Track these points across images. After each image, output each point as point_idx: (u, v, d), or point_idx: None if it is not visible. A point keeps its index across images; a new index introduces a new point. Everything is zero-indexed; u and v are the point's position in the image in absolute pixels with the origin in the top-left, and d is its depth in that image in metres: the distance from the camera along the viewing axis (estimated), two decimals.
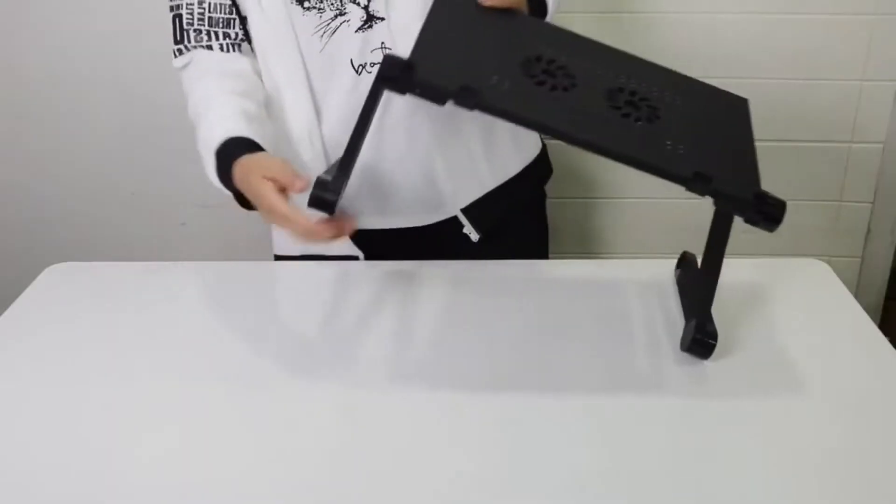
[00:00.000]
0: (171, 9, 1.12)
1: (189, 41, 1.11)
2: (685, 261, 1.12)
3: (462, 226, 1.22)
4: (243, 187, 1.00)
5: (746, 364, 0.97)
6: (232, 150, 1.02)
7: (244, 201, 1.04)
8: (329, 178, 0.93)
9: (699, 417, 0.90)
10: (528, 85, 0.93)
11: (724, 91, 1.06)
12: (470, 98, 0.88)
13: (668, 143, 0.90)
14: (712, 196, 0.89)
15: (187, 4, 1.10)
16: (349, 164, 0.95)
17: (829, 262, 1.18)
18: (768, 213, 0.88)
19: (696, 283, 1.06)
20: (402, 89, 0.89)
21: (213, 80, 1.10)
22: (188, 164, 1.92)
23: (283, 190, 0.94)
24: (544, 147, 1.34)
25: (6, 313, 1.13)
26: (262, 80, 1.15)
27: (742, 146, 0.97)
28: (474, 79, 0.89)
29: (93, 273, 1.24)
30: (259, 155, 1.01)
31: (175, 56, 1.13)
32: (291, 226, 0.94)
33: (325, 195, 0.91)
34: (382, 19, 1.08)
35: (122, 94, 1.86)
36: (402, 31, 1.08)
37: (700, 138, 0.95)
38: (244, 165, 1.00)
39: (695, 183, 0.87)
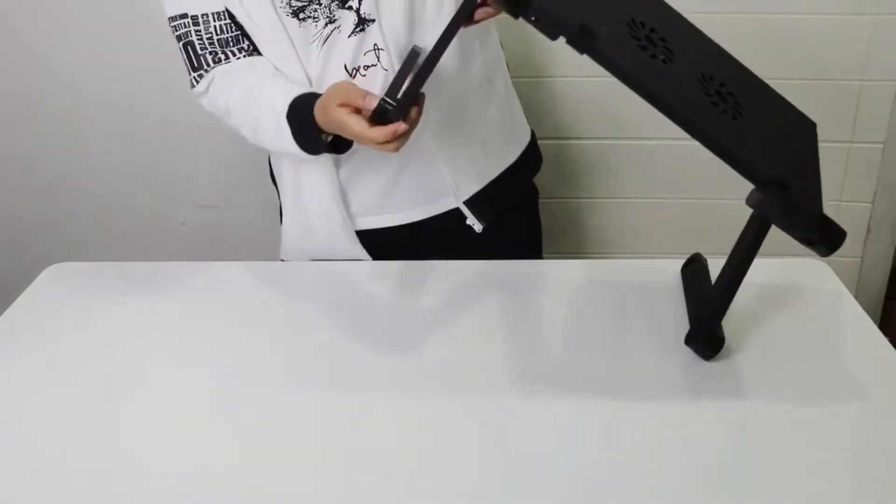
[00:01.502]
0: (179, 38, 1.11)
1: (208, 64, 1.11)
2: (695, 262, 1.12)
3: (465, 218, 1.23)
4: (328, 126, 1.04)
5: (746, 364, 0.97)
6: (304, 104, 1.05)
7: (336, 147, 1.10)
8: (393, 103, 0.95)
9: (698, 416, 0.90)
10: (632, 45, 0.88)
11: (796, 109, 1.05)
12: (587, 40, 0.81)
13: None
14: (783, 206, 0.85)
15: (195, 31, 1.10)
16: (422, 79, 0.96)
17: (829, 262, 1.18)
18: (829, 238, 0.86)
19: (707, 284, 1.05)
20: (515, 11, 0.84)
21: (248, 75, 1.11)
22: (188, 164, 1.94)
23: (357, 111, 1.00)
24: (533, 134, 1.36)
25: (6, 313, 1.13)
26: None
27: (809, 166, 0.96)
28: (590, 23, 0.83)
29: (93, 273, 1.24)
30: (327, 90, 1.05)
31: (194, 84, 1.13)
32: (366, 142, 1.00)
33: (389, 114, 0.96)
34: (374, 21, 1.08)
35: (122, 94, 1.86)
36: (393, 31, 1.08)
37: (776, 146, 0.93)
38: (320, 106, 1.04)
39: (772, 187, 0.84)
